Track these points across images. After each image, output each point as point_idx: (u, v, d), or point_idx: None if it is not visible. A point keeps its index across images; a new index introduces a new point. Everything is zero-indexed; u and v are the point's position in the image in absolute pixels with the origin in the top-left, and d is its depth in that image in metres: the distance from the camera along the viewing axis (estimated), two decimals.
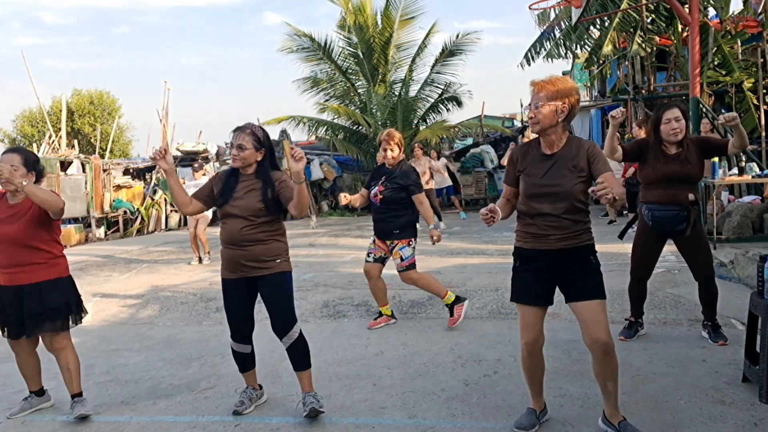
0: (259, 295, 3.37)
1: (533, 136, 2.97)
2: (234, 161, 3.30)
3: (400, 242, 4.78)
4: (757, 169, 7.43)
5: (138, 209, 14.94)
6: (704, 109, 8.96)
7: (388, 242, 4.83)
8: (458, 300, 4.88)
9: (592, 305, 2.77)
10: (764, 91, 11.47)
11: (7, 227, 3.33)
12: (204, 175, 9.26)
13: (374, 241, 4.93)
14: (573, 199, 2.78)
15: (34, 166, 3.42)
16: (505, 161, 11.11)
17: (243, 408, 3.36)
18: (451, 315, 4.84)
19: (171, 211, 15.60)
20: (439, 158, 13.17)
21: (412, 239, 4.83)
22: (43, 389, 3.63)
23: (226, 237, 3.30)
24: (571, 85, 2.82)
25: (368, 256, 4.94)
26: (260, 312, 3.50)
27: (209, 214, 9.03)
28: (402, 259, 4.77)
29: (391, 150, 4.77)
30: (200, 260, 8.87)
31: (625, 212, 10.83)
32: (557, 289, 2.91)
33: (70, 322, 3.47)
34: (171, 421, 3.35)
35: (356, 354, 4.33)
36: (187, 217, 9.25)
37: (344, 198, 4.81)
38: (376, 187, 4.82)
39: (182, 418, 3.38)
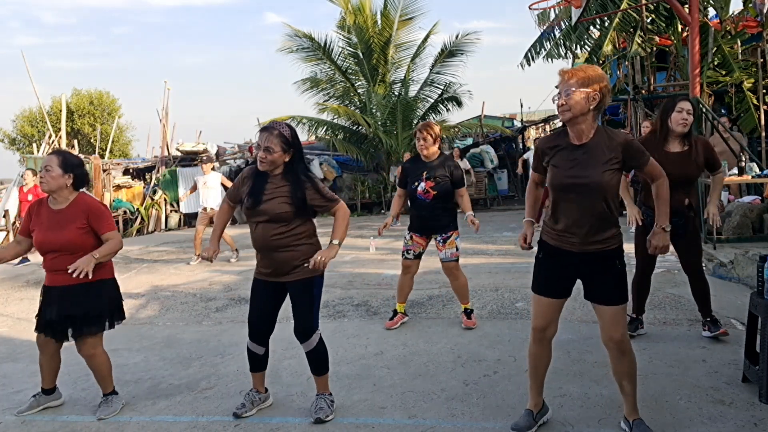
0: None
1: (533, 134, 2.98)
2: (261, 164, 3.16)
3: (454, 233, 4.76)
4: (757, 169, 7.43)
5: (138, 209, 14.95)
6: (704, 109, 8.97)
7: (436, 236, 4.76)
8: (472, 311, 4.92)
9: (614, 310, 2.79)
10: (764, 91, 11.46)
11: (54, 235, 3.22)
12: (213, 169, 9.18)
13: (411, 237, 4.81)
14: (604, 192, 2.71)
15: (72, 168, 3.35)
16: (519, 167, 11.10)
17: (243, 411, 3.34)
18: (468, 318, 4.85)
19: (171, 211, 15.61)
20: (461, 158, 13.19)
21: (457, 230, 4.83)
22: (54, 388, 3.61)
23: (256, 242, 3.25)
24: (601, 72, 2.72)
25: (408, 253, 4.83)
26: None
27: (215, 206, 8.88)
28: (456, 249, 4.77)
29: (424, 139, 4.66)
30: (200, 257, 8.81)
31: (624, 212, 10.85)
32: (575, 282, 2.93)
33: (107, 325, 3.43)
34: (171, 421, 3.35)
35: (356, 354, 4.33)
36: (199, 215, 9.09)
37: (387, 224, 4.76)
38: (423, 183, 4.67)
39: (182, 418, 3.38)
